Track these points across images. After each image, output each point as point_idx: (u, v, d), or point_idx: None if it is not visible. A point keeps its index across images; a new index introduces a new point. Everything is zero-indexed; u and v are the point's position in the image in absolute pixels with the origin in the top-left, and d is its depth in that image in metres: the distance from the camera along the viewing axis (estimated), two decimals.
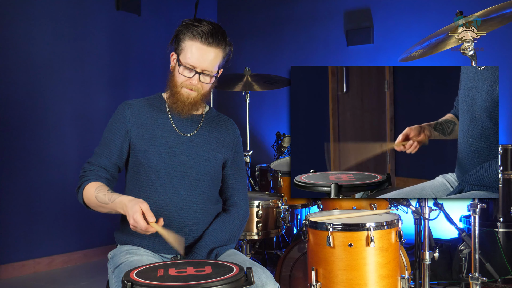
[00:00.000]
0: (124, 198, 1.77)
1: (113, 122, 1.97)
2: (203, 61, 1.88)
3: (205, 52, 1.88)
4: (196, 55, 1.88)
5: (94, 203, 1.86)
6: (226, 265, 1.61)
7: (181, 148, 1.95)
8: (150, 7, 5.04)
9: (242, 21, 5.78)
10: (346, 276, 2.11)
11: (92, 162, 1.95)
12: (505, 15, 2.21)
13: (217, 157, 2.01)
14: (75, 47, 4.39)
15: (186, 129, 1.99)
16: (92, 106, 4.52)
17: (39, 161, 4.13)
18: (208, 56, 1.89)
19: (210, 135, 2.02)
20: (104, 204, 1.82)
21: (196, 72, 1.89)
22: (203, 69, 1.90)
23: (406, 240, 2.33)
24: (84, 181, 1.90)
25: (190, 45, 1.88)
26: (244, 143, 3.82)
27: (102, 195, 1.82)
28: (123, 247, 1.96)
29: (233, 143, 2.07)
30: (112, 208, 1.81)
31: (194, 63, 1.88)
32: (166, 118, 1.99)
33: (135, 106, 1.99)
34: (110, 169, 1.95)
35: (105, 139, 1.97)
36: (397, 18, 4.81)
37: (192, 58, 1.88)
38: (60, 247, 4.27)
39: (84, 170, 1.94)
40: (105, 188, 1.84)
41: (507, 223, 3.60)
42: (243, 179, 2.11)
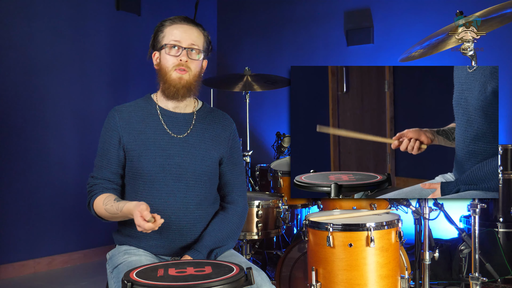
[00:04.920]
0: (129, 205, 1.78)
1: (105, 131, 1.96)
2: (188, 36, 1.90)
3: (187, 28, 1.91)
4: (179, 32, 1.90)
5: (106, 216, 1.88)
6: (226, 265, 1.61)
7: (175, 150, 1.93)
8: (150, 7, 5.04)
9: (242, 21, 5.78)
10: (346, 276, 2.11)
11: (95, 176, 1.95)
12: (505, 15, 2.21)
13: (213, 155, 1.98)
14: (75, 47, 4.39)
15: (178, 130, 1.96)
16: (92, 106, 4.52)
17: (39, 161, 4.13)
18: (191, 31, 1.91)
19: (204, 133, 1.99)
20: (115, 214, 1.84)
21: (184, 48, 1.89)
22: (189, 44, 1.90)
23: (406, 240, 2.33)
24: (92, 196, 1.91)
25: (170, 28, 1.92)
26: (244, 143, 3.82)
27: (110, 206, 1.84)
28: (122, 247, 1.96)
29: (228, 139, 2.04)
30: (123, 216, 1.83)
31: (179, 38, 1.90)
32: (158, 120, 1.96)
33: (124, 111, 1.97)
34: (113, 179, 1.95)
35: (101, 150, 1.95)
36: (397, 18, 4.81)
37: (176, 35, 1.90)
38: (60, 247, 4.27)
39: (90, 185, 1.94)
40: (111, 199, 1.85)
41: (507, 223, 3.60)
42: (240, 174, 2.08)
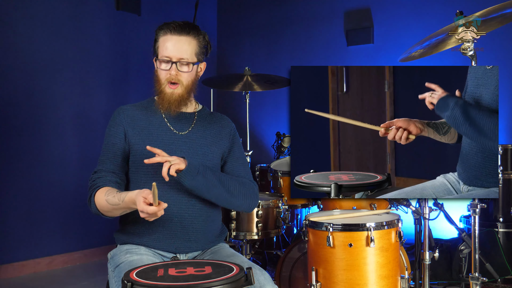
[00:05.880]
0: (132, 194, 1.78)
1: (111, 127, 2.01)
2: (177, 50, 1.94)
3: (177, 41, 1.95)
4: (169, 46, 1.95)
5: (107, 208, 1.86)
6: (226, 265, 1.61)
7: (177, 145, 1.99)
8: (150, 7, 5.04)
9: (242, 21, 5.78)
10: (346, 276, 2.11)
11: (99, 170, 1.96)
12: (505, 15, 2.21)
13: (214, 151, 2.04)
14: (75, 47, 4.39)
15: (180, 127, 2.02)
16: (92, 106, 4.52)
17: (39, 161, 4.13)
18: (180, 45, 1.95)
19: (205, 131, 2.06)
20: (116, 206, 1.83)
21: (173, 62, 1.94)
22: (178, 58, 1.95)
23: (406, 240, 2.33)
24: (94, 189, 1.91)
25: (162, 40, 1.96)
26: (244, 143, 3.82)
27: (112, 197, 1.83)
28: (123, 246, 1.97)
29: (229, 135, 2.11)
30: (125, 207, 1.82)
31: (169, 54, 1.94)
32: (161, 118, 2.03)
33: (129, 110, 2.04)
34: (118, 172, 1.96)
35: (107, 144, 1.99)
36: (397, 18, 4.81)
37: (167, 50, 1.95)
38: (60, 247, 4.27)
39: (93, 180, 1.94)
40: (114, 190, 1.86)
41: (507, 223, 3.59)
42: (243, 165, 2.11)
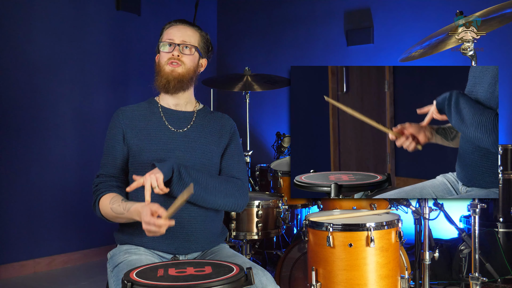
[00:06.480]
0: (138, 205, 1.79)
1: (110, 130, 2.03)
2: (181, 33, 2.00)
3: (181, 28, 2.02)
4: (173, 31, 2.01)
5: (111, 215, 1.89)
6: (226, 265, 1.61)
7: (176, 143, 1.98)
8: (150, 7, 5.04)
9: (242, 21, 5.78)
10: (346, 276, 2.11)
11: (101, 174, 1.99)
12: (505, 15, 2.21)
13: (213, 149, 2.03)
14: (75, 47, 4.39)
15: (179, 125, 2.03)
16: (92, 106, 4.52)
17: (39, 161, 4.13)
18: (184, 30, 2.02)
19: (204, 129, 2.05)
20: (120, 215, 1.85)
21: (176, 45, 1.98)
22: (181, 40, 1.99)
23: (406, 240, 2.33)
24: (98, 194, 1.93)
25: (167, 30, 2.03)
26: (244, 143, 3.82)
27: (117, 206, 1.86)
28: (123, 246, 1.97)
29: (229, 133, 2.10)
30: (128, 218, 1.84)
31: (172, 36, 1.99)
32: (159, 118, 2.03)
33: (128, 110, 2.05)
34: (119, 175, 1.98)
35: (107, 148, 2.01)
36: (397, 18, 4.81)
37: (170, 34, 2.00)
38: (60, 247, 4.27)
39: (96, 184, 1.97)
40: (119, 198, 1.88)
41: (507, 223, 3.59)
42: (237, 163, 2.08)
